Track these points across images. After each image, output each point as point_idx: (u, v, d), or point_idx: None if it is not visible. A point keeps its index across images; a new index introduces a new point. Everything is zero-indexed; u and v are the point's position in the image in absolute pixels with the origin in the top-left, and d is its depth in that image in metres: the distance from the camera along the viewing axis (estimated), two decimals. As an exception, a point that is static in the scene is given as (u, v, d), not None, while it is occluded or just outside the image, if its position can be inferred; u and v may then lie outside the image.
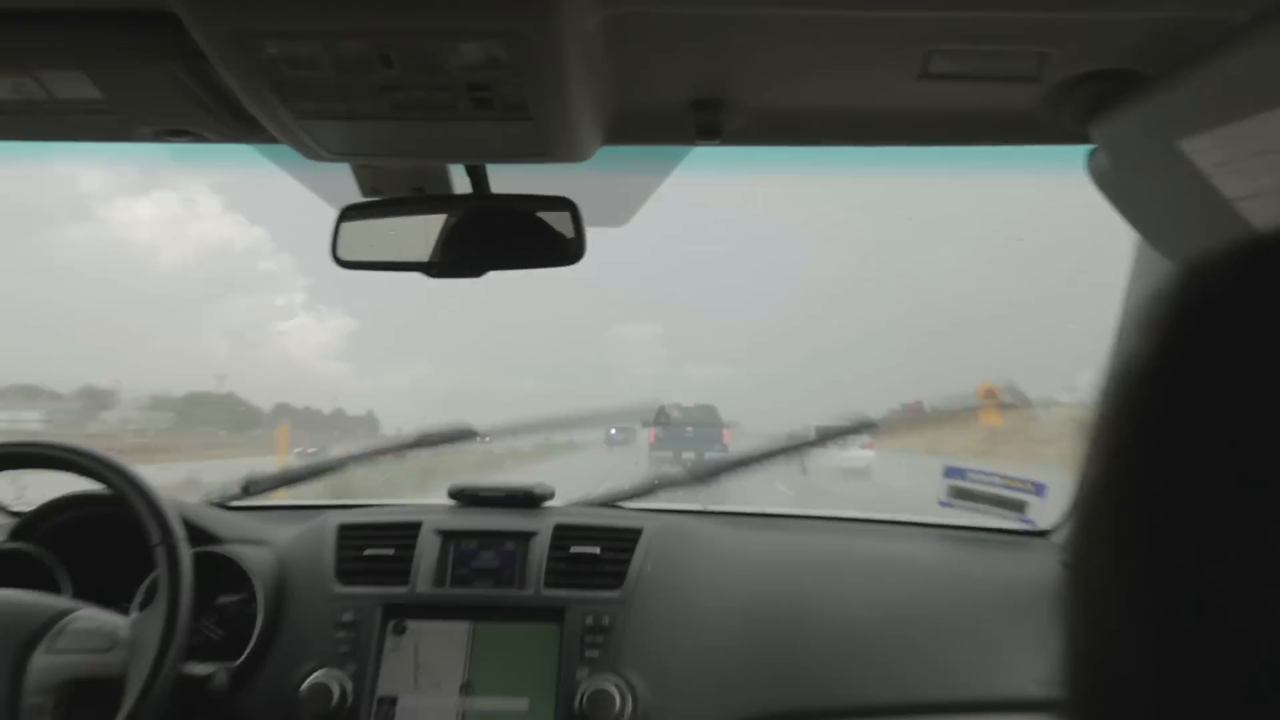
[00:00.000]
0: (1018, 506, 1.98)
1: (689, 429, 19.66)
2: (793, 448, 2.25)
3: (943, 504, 2.04)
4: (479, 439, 2.26)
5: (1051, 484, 1.96)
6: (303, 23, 0.87)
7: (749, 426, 20.34)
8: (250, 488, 2.16)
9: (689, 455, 18.16)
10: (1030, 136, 1.27)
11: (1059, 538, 2.02)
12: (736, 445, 16.87)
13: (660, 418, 19.52)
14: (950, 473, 2.02)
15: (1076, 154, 1.27)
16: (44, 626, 1.43)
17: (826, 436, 2.22)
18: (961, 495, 2.02)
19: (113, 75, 1.06)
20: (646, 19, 0.96)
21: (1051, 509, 2.01)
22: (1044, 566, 1.89)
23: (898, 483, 13.40)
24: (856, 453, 14.92)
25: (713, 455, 16.42)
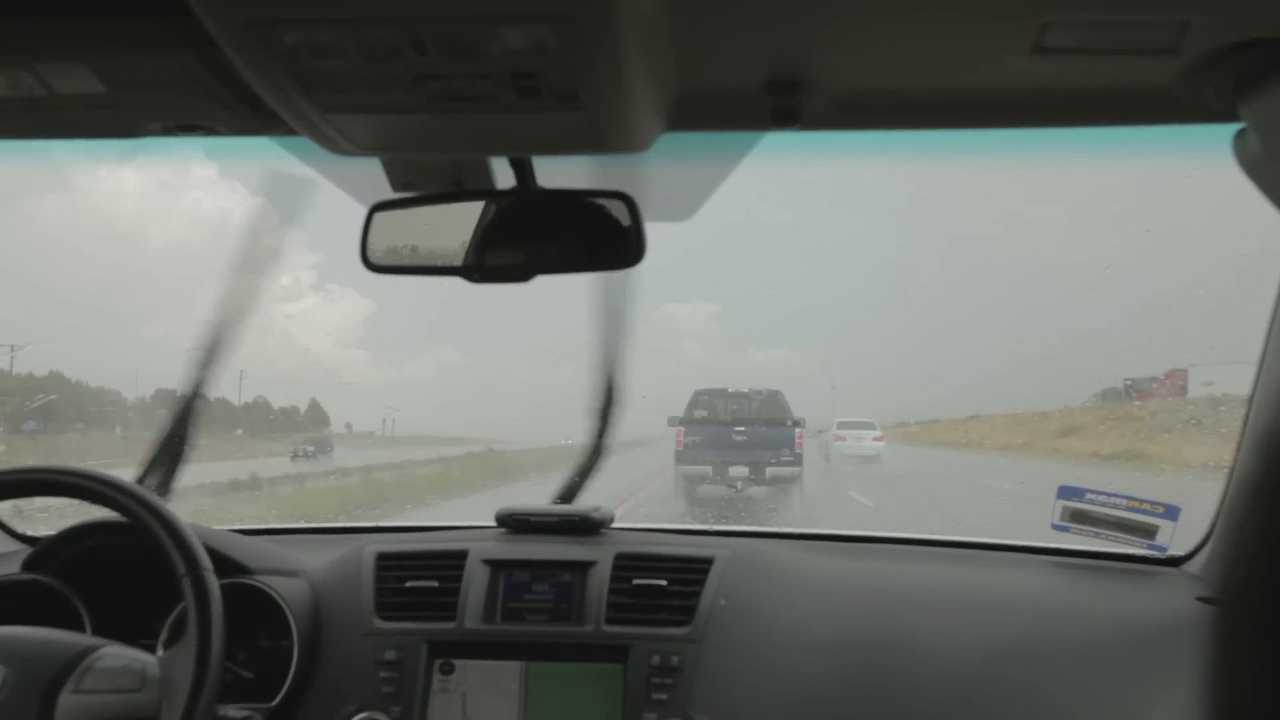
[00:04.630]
0: (1146, 531, 1.87)
1: (738, 428, 14.14)
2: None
3: (1056, 529, 1.93)
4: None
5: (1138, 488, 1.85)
6: (326, 9, 0.83)
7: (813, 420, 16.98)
8: None
9: (739, 472, 13.67)
10: (1163, 116, 1.19)
11: (1195, 567, 1.92)
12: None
13: (693, 410, 14.52)
14: (1065, 493, 1.91)
15: (1217, 134, 1.17)
16: (69, 665, 1.42)
17: None
18: (1078, 519, 1.91)
19: (117, 67, 1.05)
20: None
21: (1185, 534, 1.90)
22: (1177, 600, 1.80)
23: (901, 467, 17.65)
24: (869, 443, 17.92)
25: (779, 471, 13.76)
